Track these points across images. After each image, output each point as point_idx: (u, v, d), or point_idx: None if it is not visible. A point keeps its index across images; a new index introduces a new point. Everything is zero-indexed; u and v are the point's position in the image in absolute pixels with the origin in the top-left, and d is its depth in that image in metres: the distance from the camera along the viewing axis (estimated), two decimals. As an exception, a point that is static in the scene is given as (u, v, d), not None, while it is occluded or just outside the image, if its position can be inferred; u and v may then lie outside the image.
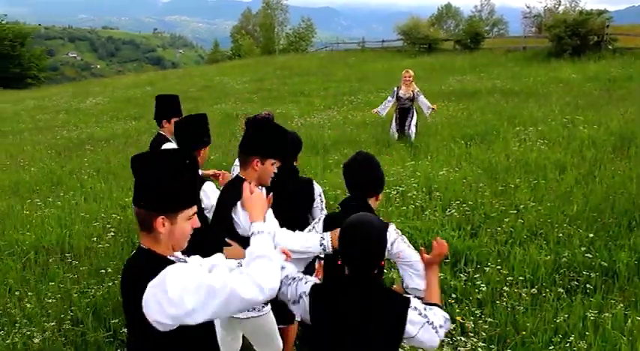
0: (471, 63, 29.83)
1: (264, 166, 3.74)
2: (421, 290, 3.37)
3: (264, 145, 3.75)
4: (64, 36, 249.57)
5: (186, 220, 2.46)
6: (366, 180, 3.67)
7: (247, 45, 63.97)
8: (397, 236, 3.45)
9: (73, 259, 6.38)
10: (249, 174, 3.75)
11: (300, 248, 3.39)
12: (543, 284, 5.61)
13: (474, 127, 12.80)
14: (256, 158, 3.73)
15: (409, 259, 3.42)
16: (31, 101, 34.41)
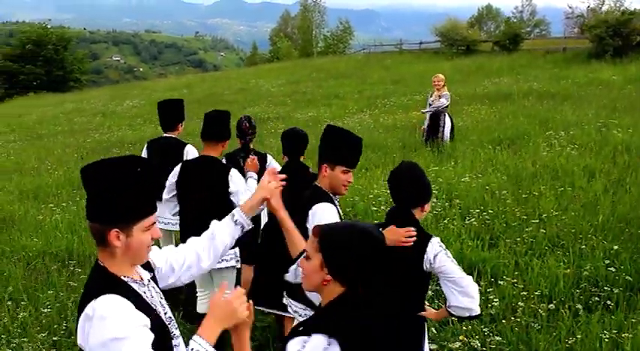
0: (509, 65, 29.29)
1: (333, 172, 3.76)
2: (466, 309, 3.44)
3: (333, 151, 3.77)
4: (108, 40, 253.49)
5: (143, 232, 2.30)
6: (410, 191, 3.63)
7: (285, 48, 64.09)
8: (441, 250, 3.47)
9: (76, 267, 6.29)
10: (321, 181, 3.82)
11: None
12: (562, 299, 5.32)
13: (505, 131, 12.45)
14: (325, 165, 3.77)
15: (452, 274, 3.43)
16: (70, 104, 34.90)
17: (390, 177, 3.75)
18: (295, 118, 19.92)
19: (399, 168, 3.73)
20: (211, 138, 5.12)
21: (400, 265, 3.46)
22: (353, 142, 3.84)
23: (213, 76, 44.69)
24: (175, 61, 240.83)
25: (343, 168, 3.77)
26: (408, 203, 3.63)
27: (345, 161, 3.78)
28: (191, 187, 5.10)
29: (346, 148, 3.79)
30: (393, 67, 34.48)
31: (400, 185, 3.66)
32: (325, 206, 3.71)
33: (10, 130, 26.24)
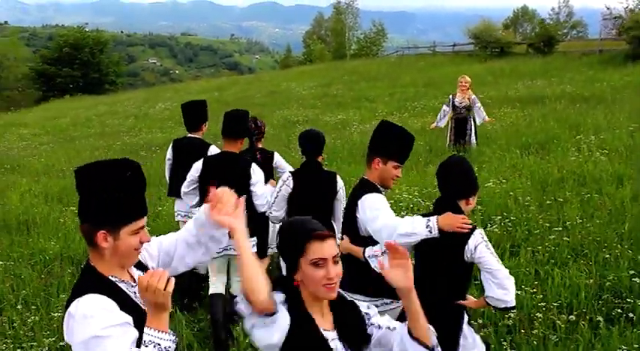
0: (543, 67, 28.92)
1: (385, 166, 3.97)
2: (501, 300, 3.59)
3: (387, 146, 3.96)
4: (144, 42, 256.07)
5: (131, 235, 2.33)
6: (456, 184, 3.83)
7: (319, 50, 64.07)
8: (482, 241, 3.64)
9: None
10: (372, 173, 4.02)
11: (408, 231, 3.59)
12: (584, 310, 5.15)
13: (534, 135, 12.21)
14: (378, 158, 3.97)
15: (489, 266, 3.60)
16: (104, 106, 35.33)
17: (438, 169, 3.94)
18: (324, 121, 19.86)
19: (448, 160, 3.93)
20: (231, 135, 5.46)
21: (443, 254, 3.69)
22: (406, 138, 4.05)
23: (245, 78, 44.88)
24: (211, 64, 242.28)
25: (395, 163, 4.00)
26: (455, 195, 3.81)
27: (397, 157, 4.00)
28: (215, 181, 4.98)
29: (399, 144, 4.01)
30: (425, 70, 34.24)
31: (448, 177, 3.85)
32: (375, 195, 3.90)
33: (44, 132, 26.67)
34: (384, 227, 3.69)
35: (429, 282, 3.62)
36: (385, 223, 3.71)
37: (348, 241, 4.03)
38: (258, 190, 5.36)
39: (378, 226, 3.74)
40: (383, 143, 3.99)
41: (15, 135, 26.24)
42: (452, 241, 3.63)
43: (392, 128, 4.05)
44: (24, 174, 13.25)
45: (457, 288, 3.79)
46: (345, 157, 12.26)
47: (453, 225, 3.59)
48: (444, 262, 3.73)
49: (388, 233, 3.64)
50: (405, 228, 3.61)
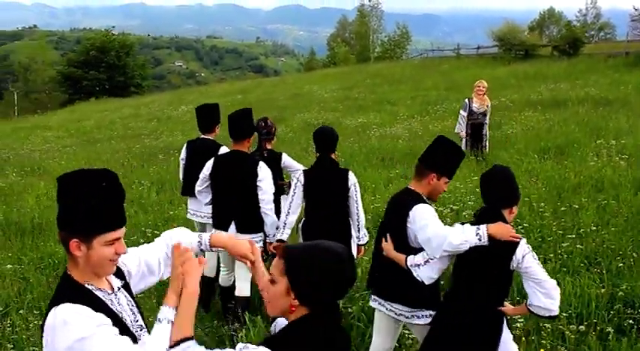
0: (567, 70, 28.55)
1: (439, 182, 4.06)
2: (547, 309, 3.67)
3: (445, 163, 4.06)
4: (170, 45, 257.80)
5: (104, 245, 2.31)
6: (500, 193, 3.88)
7: (343, 53, 64.02)
8: (528, 251, 3.72)
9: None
10: (422, 186, 4.09)
11: (460, 239, 3.65)
12: (594, 321, 5.03)
13: (553, 139, 12.05)
14: (434, 174, 4.04)
15: (536, 276, 3.67)
16: (128, 109, 35.57)
17: (481, 178, 3.99)
18: (345, 125, 19.79)
19: (491, 170, 4.01)
20: (237, 135, 5.65)
21: (488, 262, 3.75)
22: (459, 155, 4.17)
23: (268, 81, 45.01)
24: (236, 67, 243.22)
25: (446, 179, 4.12)
26: (499, 204, 3.87)
27: (450, 174, 4.13)
28: (223, 179, 5.65)
29: (454, 161, 4.13)
30: (448, 73, 34.03)
31: (491, 186, 3.90)
32: (425, 206, 3.98)
33: (67, 135, 26.89)
34: (435, 236, 3.75)
35: (471, 288, 3.83)
36: (435, 232, 3.77)
37: (392, 248, 4.09)
38: (265, 187, 5.54)
39: (428, 235, 3.81)
40: (441, 160, 4.07)
41: (39, 137, 26.45)
42: (499, 249, 3.70)
43: (449, 146, 4.12)
44: (43, 177, 13.33)
45: (498, 295, 3.87)
46: (362, 161, 12.18)
47: (505, 234, 3.68)
48: (488, 270, 3.79)
49: (438, 242, 3.72)
50: (455, 237, 3.68)
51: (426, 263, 3.84)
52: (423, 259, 3.86)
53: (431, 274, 3.87)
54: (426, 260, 3.84)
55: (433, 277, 3.88)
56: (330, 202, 5.54)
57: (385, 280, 4.23)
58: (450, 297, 3.98)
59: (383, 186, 9.76)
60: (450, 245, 3.66)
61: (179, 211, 8.16)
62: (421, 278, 3.86)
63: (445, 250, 3.69)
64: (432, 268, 3.84)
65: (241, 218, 5.64)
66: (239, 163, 5.61)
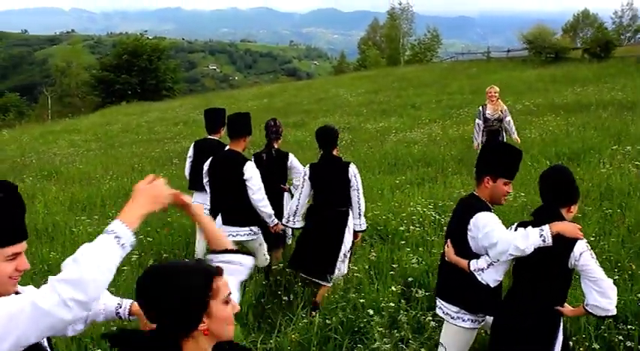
0: (597, 73, 28.06)
1: (495, 184, 4.05)
2: (603, 309, 3.67)
3: (495, 164, 4.07)
4: (205, 49, 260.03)
5: (3, 261, 2.19)
6: (557, 192, 3.92)
7: (373, 56, 63.86)
8: (586, 249, 3.71)
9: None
10: (482, 191, 4.12)
11: (525, 243, 3.66)
12: (583, 336, 4.84)
13: (570, 144, 11.78)
14: (487, 177, 4.06)
15: (593, 275, 3.68)
16: (155, 113, 35.79)
17: (540, 178, 4.02)
18: (365, 129, 19.69)
19: (549, 170, 4.06)
20: (233, 135, 6.16)
21: (547, 261, 3.77)
22: (514, 155, 4.12)
23: (295, 85, 44.98)
24: (270, 70, 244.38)
25: (504, 180, 4.06)
26: (557, 203, 3.91)
27: (506, 174, 4.08)
28: (217, 175, 6.19)
29: (507, 161, 4.09)
30: (476, 76, 33.68)
31: (549, 186, 3.94)
32: (487, 214, 3.97)
33: (94, 139, 27.13)
34: (500, 241, 3.76)
35: (530, 288, 3.88)
36: (500, 237, 3.78)
37: (453, 253, 4.15)
38: (253, 186, 5.95)
39: (493, 241, 3.82)
40: (490, 161, 4.10)
41: (67, 141, 26.75)
42: (557, 248, 3.71)
43: (498, 146, 4.31)
44: (59, 180, 13.43)
45: (557, 294, 3.88)
46: (374, 167, 12.03)
47: (572, 232, 3.71)
48: (546, 269, 3.81)
49: (504, 247, 3.74)
50: (521, 241, 3.69)
51: (490, 267, 3.92)
52: (485, 263, 3.94)
53: (495, 276, 3.96)
54: (489, 264, 3.92)
55: (498, 279, 3.97)
56: (332, 193, 6.00)
57: (445, 281, 4.33)
58: (510, 297, 4.04)
59: (390, 192, 9.58)
60: (516, 250, 3.69)
61: (177, 217, 8.10)
62: (486, 281, 3.94)
63: (511, 254, 3.74)
64: (496, 271, 3.93)
65: (227, 212, 6.13)
66: (229, 162, 6.09)
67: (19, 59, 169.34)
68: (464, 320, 4.20)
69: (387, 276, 5.85)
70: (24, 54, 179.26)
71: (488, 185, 4.07)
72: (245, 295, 5.85)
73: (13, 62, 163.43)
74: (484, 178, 4.08)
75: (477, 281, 3.95)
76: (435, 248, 6.37)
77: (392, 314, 4.98)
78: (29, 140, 29.30)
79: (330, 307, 5.25)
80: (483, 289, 3.97)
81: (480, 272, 3.95)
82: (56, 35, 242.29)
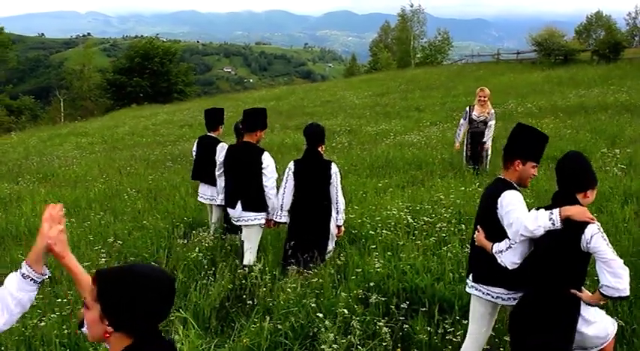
0: (603, 75, 27.84)
1: (524, 167, 4.24)
2: (614, 289, 3.72)
3: (527, 148, 4.24)
4: (219, 52, 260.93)
5: None
6: (573, 178, 4.06)
7: (384, 58, 63.76)
8: (598, 232, 3.78)
9: (48, 286, 6.24)
10: (510, 174, 4.29)
11: (535, 225, 3.82)
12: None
13: (563, 147, 11.62)
14: (518, 160, 4.23)
15: (604, 255, 3.74)
16: (163, 115, 35.89)
17: (557, 164, 4.18)
18: (364, 132, 19.64)
19: (564, 157, 4.18)
20: (249, 129, 6.72)
21: (561, 245, 3.90)
22: (542, 139, 4.31)
23: (303, 87, 45.00)
24: (284, 73, 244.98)
25: (533, 163, 4.26)
26: (573, 189, 4.04)
27: (535, 157, 4.28)
28: (234, 165, 6.77)
29: (537, 145, 4.28)
30: (483, 79, 33.47)
31: (565, 172, 4.09)
32: (513, 192, 4.14)
33: (101, 141, 27.23)
34: (515, 222, 3.93)
35: (545, 271, 4.02)
36: (517, 218, 3.94)
37: (483, 236, 4.31)
38: (268, 174, 6.56)
39: (510, 221, 3.99)
40: (522, 145, 4.25)
41: (73, 144, 26.89)
42: (570, 231, 3.82)
43: (529, 131, 4.33)
44: (54, 183, 13.48)
45: (573, 277, 3.98)
46: (363, 170, 11.94)
47: (581, 215, 3.80)
48: (560, 252, 3.93)
49: (517, 227, 3.91)
50: (530, 222, 3.85)
51: (508, 249, 4.05)
52: (505, 246, 4.08)
53: (513, 259, 4.06)
54: (508, 246, 4.06)
55: (516, 261, 4.06)
56: (314, 188, 6.47)
57: (483, 266, 4.38)
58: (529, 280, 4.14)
59: (374, 195, 9.51)
60: (525, 230, 3.84)
61: (153, 220, 8.09)
62: (505, 263, 4.07)
63: (522, 235, 3.88)
64: (514, 254, 4.04)
65: (246, 198, 6.61)
66: (247, 152, 6.67)
67: (36, 62, 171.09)
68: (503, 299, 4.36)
69: (350, 281, 5.79)
70: (40, 57, 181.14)
71: (519, 168, 4.25)
72: (209, 298, 5.84)
73: (30, 65, 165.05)
74: (515, 162, 4.25)
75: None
76: (404, 253, 6.29)
77: (345, 320, 4.92)
78: (37, 143, 29.51)
79: (284, 311, 5.21)
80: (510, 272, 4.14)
81: (499, 254, 4.11)
82: (72, 38, 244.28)
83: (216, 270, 6.35)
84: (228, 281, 6.12)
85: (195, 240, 7.03)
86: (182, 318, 5.42)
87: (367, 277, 5.80)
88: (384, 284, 5.60)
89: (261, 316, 5.14)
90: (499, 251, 4.11)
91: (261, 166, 6.53)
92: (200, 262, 6.55)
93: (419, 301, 5.35)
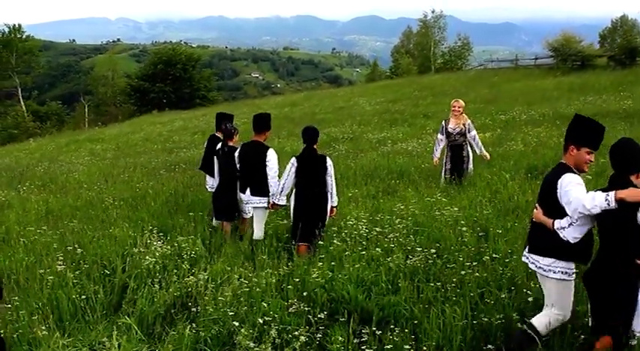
0: (616, 81, 27.58)
1: (579, 152, 4.73)
2: None
3: (580, 135, 4.75)
4: (247, 57, 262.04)
5: None
6: (626, 161, 4.54)
7: (405, 64, 63.75)
8: None
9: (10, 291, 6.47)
10: (567, 158, 4.80)
11: (592, 204, 4.28)
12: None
13: (543, 157, 11.69)
14: (572, 146, 4.75)
15: None
16: (180, 122, 36.18)
17: (610, 150, 4.64)
18: (365, 139, 19.78)
19: (618, 142, 4.66)
20: (257, 130, 8.30)
21: (621, 222, 4.40)
22: (597, 128, 4.78)
23: (319, 94, 45.07)
24: (311, 78, 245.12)
25: (587, 149, 4.72)
26: (627, 171, 4.53)
27: (589, 144, 4.73)
28: (245, 159, 8.28)
29: (591, 133, 4.76)
30: (496, 85, 33.42)
31: (617, 155, 4.59)
32: (572, 176, 4.61)
33: (115, 148, 27.59)
34: (574, 200, 4.42)
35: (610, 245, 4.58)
36: (575, 197, 4.42)
37: (542, 213, 4.81)
38: (270, 165, 8.08)
39: (570, 200, 4.47)
40: (577, 133, 4.76)
41: (87, 150, 27.29)
42: (628, 210, 4.29)
43: (584, 120, 4.82)
44: (50, 190, 13.75)
45: (635, 248, 4.44)
46: (341, 180, 11.95)
47: (636, 196, 4.23)
48: (623, 227, 4.40)
49: (575, 206, 4.40)
50: (588, 202, 4.31)
51: (570, 226, 4.56)
52: (567, 223, 4.58)
53: (575, 234, 4.58)
54: (569, 223, 4.57)
55: (577, 236, 4.58)
56: (313, 178, 7.77)
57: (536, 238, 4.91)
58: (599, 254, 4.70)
59: (342, 205, 9.62)
60: (583, 208, 4.33)
61: (119, 230, 8.29)
62: (567, 238, 4.59)
63: (581, 212, 4.37)
64: (575, 229, 4.55)
65: (254, 185, 8.18)
66: (256, 149, 8.23)
67: (67, 68, 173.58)
68: (555, 272, 4.76)
69: (287, 290, 5.94)
70: (71, 63, 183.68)
71: (573, 153, 4.74)
72: (154, 305, 6.03)
73: (62, 71, 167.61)
74: (570, 147, 4.76)
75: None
76: (348, 263, 6.42)
77: (265, 328, 5.08)
78: (54, 149, 30.00)
79: (206, 319, 5.39)
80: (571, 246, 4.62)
81: (562, 230, 4.60)
82: (102, 44, 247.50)
83: (167, 277, 6.54)
84: (175, 289, 6.30)
85: (151, 248, 7.21)
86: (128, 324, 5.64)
87: (304, 287, 5.95)
88: (315, 294, 5.74)
89: (184, 324, 5.32)
90: (561, 227, 4.61)
91: (266, 160, 8.05)
92: (153, 269, 6.73)
93: (343, 311, 5.48)
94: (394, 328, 5.08)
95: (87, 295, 6.26)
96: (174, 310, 6.08)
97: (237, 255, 7.23)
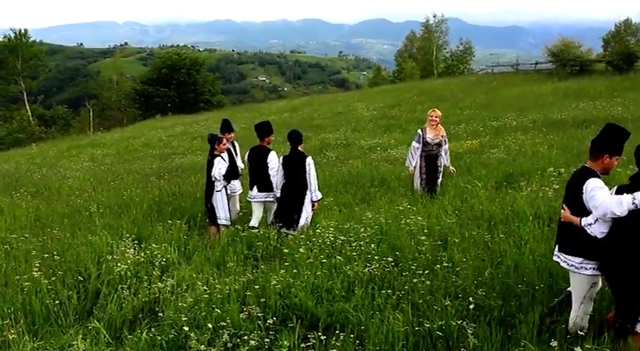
0: (611, 87, 27.64)
1: (611, 160, 5.17)
2: None
3: (615, 146, 5.15)
4: (254, 60, 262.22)
5: None
6: None
7: (408, 68, 63.88)
8: None
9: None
10: (597, 165, 5.19)
11: (622, 210, 4.75)
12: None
13: (521, 165, 11.91)
14: (607, 155, 5.15)
15: None
16: (181, 127, 36.36)
17: (635, 150, 4.99)
18: (357, 145, 20.02)
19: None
20: (260, 136, 9.71)
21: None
22: (626, 136, 5.18)
23: (320, 99, 45.30)
24: (318, 81, 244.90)
25: (617, 157, 5.19)
26: None
27: (620, 152, 5.19)
28: (251, 161, 9.73)
29: (622, 141, 5.17)
30: (494, 90, 33.50)
31: None
32: (596, 180, 5.04)
33: (115, 153, 27.84)
34: (601, 205, 4.88)
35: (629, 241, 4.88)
36: (603, 200, 4.88)
37: (569, 213, 5.24)
38: (271, 165, 9.47)
39: (597, 203, 4.93)
40: (611, 143, 5.15)
41: (88, 155, 27.52)
42: None
43: (617, 130, 5.20)
44: (42, 197, 14.03)
45: None
46: (322, 188, 12.20)
47: None
48: None
49: (604, 209, 4.86)
50: (616, 206, 4.78)
51: (596, 222, 5.02)
52: (593, 219, 5.05)
53: (602, 229, 5.04)
54: (595, 220, 5.02)
55: (604, 231, 5.04)
56: (296, 175, 9.05)
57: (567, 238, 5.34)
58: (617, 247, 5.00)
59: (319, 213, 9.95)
60: (613, 214, 4.80)
61: (96, 237, 8.55)
62: (594, 234, 5.06)
63: (610, 217, 4.86)
64: (601, 225, 5.02)
65: (261, 183, 9.60)
66: (260, 153, 9.62)
67: (75, 72, 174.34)
68: (586, 269, 5.20)
69: (247, 297, 6.23)
70: (79, 66, 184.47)
71: (606, 161, 5.16)
72: (122, 310, 6.32)
73: (70, 75, 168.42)
74: (604, 156, 5.14)
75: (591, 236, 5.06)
76: (309, 271, 6.70)
77: (217, 333, 5.38)
78: (55, 154, 30.23)
79: (164, 324, 5.68)
80: (598, 241, 5.04)
81: (589, 226, 5.06)
82: (110, 48, 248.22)
83: (138, 284, 6.84)
84: (144, 295, 6.59)
85: (124, 255, 7.50)
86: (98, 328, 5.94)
87: (263, 294, 6.23)
88: (271, 301, 6.03)
89: (143, 328, 5.61)
90: (588, 224, 5.06)
91: (267, 161, 9.46)
92: (125, 275, 7.02)
93: (293, 317, 5.76)
94: (339, 334, 5.34)
95: (60, 301, 6.57)
96: (142, 315, 6.38)
97: (206, 262, 7.51)
